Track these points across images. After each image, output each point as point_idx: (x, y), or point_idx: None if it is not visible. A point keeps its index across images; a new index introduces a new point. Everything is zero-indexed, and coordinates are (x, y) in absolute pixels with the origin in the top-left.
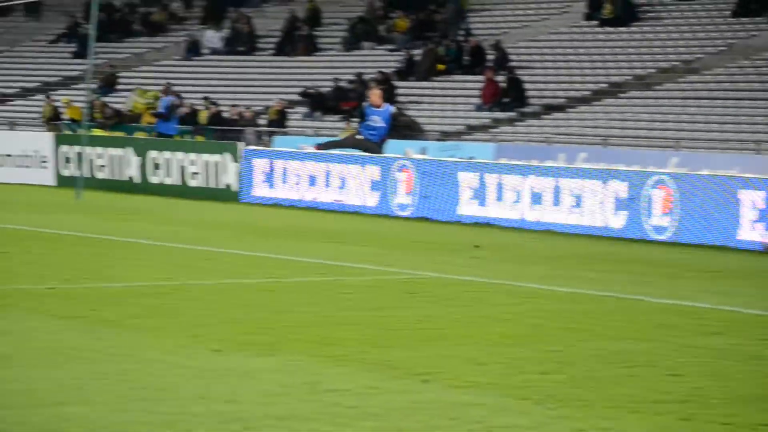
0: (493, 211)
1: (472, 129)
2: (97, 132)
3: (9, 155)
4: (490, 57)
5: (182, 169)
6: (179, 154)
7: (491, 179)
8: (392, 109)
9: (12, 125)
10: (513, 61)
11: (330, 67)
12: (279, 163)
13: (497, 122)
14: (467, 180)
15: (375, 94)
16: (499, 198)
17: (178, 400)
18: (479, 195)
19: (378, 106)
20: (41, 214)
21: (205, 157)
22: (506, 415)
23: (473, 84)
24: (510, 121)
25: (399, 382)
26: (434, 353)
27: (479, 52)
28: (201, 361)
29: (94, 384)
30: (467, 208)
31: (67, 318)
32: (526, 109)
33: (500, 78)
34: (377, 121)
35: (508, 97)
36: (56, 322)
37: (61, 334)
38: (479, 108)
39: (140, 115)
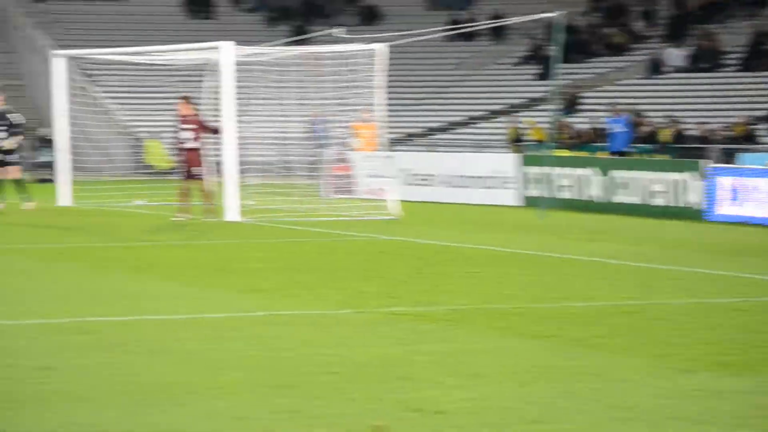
0: None
1: None
2: (561, 152)
3: (476, 177)
4: None
5: (645, 188)
6: (642, 173)
7: None
8: None
9: (479, 147)
10: None
11: None
12: (745, 181)
13: None
14: None
15: None
16: None
17: (648, 421)
18: None
19: None
20: (507, 234)
21: (669, 175)
22: None
23: None
24: None
25: None
26: None
27: None
28: (670, 380)
29: (564, 403)
30: None
31: (535, 337)
32: None
33: None
34: None
35: None
36: (525, 341)
37: (530, 353)
38: None
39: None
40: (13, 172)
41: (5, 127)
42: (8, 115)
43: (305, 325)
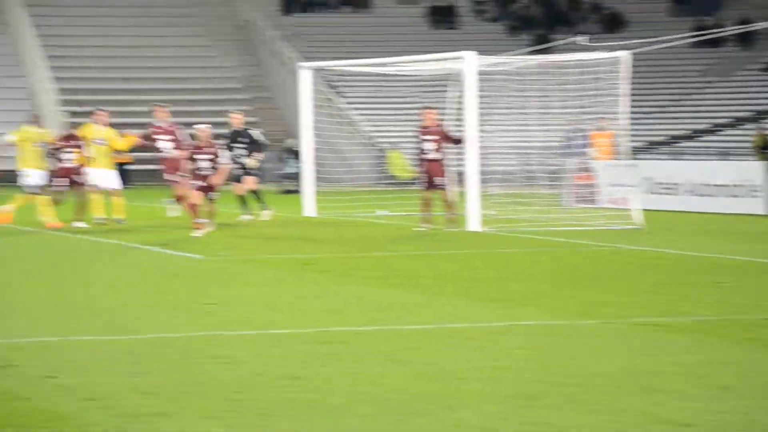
0: None
1: None
2: None
3: (721, 185)
4: None
5: None
6: None
7: None
8: None
9: (723, 155)
10: None
11: None
12: None
13: None
14: None
15: None
16: None
17: None
18: None
19: None
20: (754, 244)
21: None
22: None
23: None
24: None
25: None
26: None
27: None
28: None
29: None
30: None
31: None
32: None
33: None
34: None
35: None
36: None
37: None
38: None
39: None
40: (250, 183)
41: (245, 144)
42: (249, 131)
43: (546, 335)
